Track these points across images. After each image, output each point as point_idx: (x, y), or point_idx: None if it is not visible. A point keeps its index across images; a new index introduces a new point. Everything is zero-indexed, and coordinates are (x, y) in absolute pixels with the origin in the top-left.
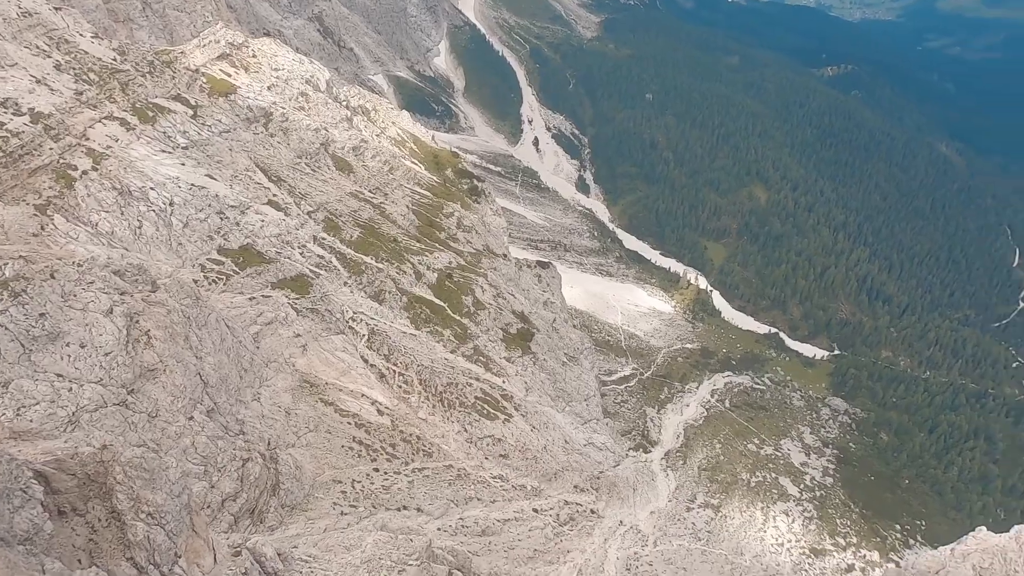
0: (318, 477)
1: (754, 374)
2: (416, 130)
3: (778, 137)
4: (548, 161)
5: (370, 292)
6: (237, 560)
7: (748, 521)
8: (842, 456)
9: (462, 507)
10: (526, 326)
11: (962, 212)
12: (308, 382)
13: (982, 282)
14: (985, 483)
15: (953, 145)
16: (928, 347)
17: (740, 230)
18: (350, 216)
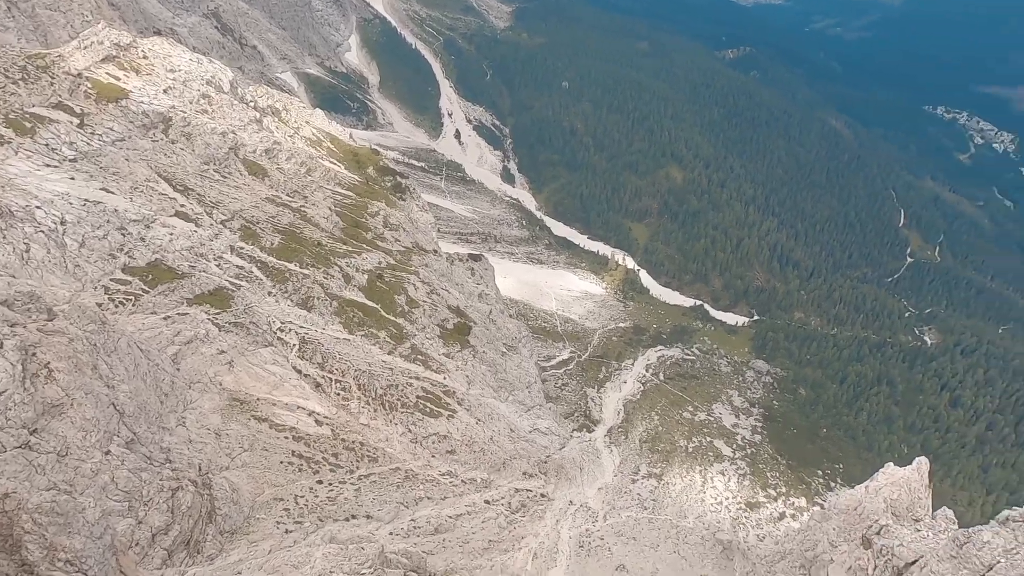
0: (258, 497)
1: (684, 345)
2: (332, 129)
3: (688, 118)
4: (471, 153)
5: (297, 300)
6: None
7: (689, 485)
8: (767, 414)
9: (413, 508)
10: (462, 320)
11: (853, 180)
12: (238, 400)
13: (875, 242)
14: (889, 424)
15: (841, 119)
16: (834, 306)
17: (660, 209)
18: (268, 222)
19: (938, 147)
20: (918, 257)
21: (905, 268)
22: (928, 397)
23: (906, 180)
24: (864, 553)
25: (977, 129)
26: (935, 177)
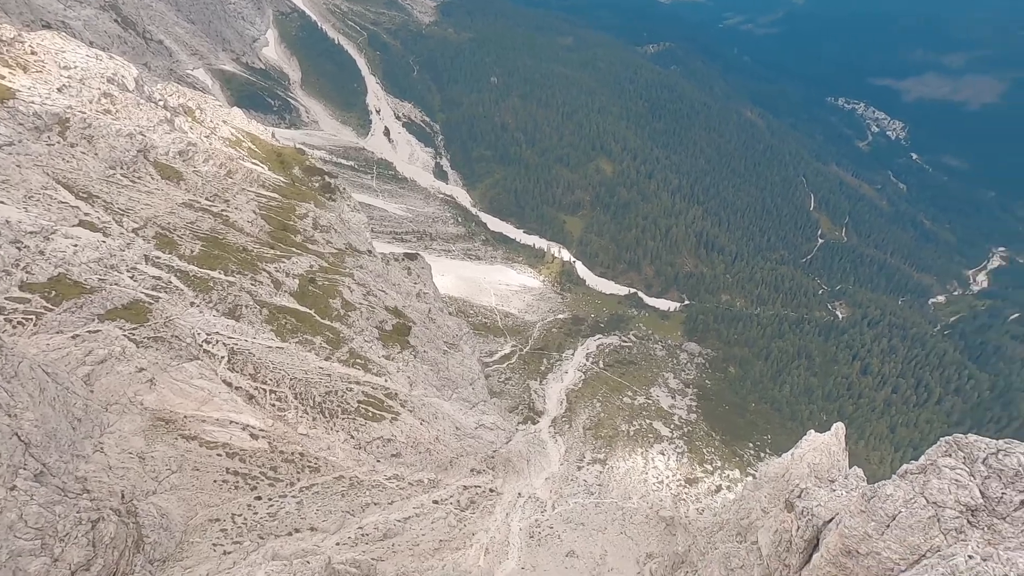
0: (190, 520)
1: (621, 333)
2: (253, 128)
3: (615, 112)
4: (402, 151)
5: (223, 309)
6: None
7: (631, 467)
8: (701, 393)
9: (359, 516)
10: (401, 321)
11: (768, 168)
12: (162, 419)
13: (789, 226)
14: (809, 394)
15: (755, 110)
16: (756, 287)
17: (592, 202)
18: (187, 229)
19: (840, 135)
20: (828, 238)
21: (817, 249)
22: (841, 367)
23: (814, 167)
24: (787, 516)
25: (873, 118)
26: (839, 163)
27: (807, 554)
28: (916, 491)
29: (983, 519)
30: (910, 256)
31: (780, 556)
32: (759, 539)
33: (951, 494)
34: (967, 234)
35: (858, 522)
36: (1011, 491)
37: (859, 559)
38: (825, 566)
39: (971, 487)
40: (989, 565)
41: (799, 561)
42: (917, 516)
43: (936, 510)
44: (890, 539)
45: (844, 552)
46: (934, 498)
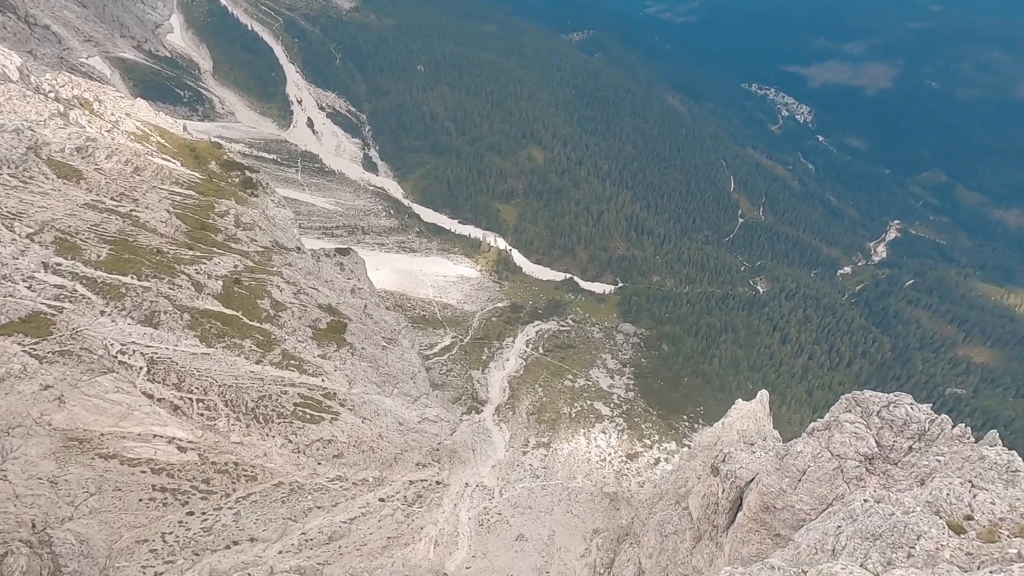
0: (115, 544)
1: (559, 318)
2: (161, 121)
3: (543, 99)
4: (328, 142)
5: (139, 317)
6: None
7: (575, 448)
8: (637, 371)
9: (302, 521)
10: (336, 318)
11: (690, 152)
12: (75, 439)
13: (712, 207)
14: (736, 365)
15: (677, 96)
16: (684, 267)
17: (525, 189)
18: (91, 232)
19: (755, 119)
20: (747, 218)
21: (738, 228)
22: (764, 338)
23: (733, 150)
24: (714, 480)
25: (783, 103)
26: (755, 146)
27: (732, 514)
28: (822, 446)
29: (879, 466)
30: (820, 231)
31: (708, 518)
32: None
33: (851, 446)
34: (868, 209)
35: (774, 480)
36: (901, 439)
37: (776, 513)
38: (747, 523)
39: (868, 438)
40: (881, 506)
41: (725, 521)
42: (824, 469)
43: (839, 462)
44: (802, 492)
45: (763, 508)
46: (837, 451)
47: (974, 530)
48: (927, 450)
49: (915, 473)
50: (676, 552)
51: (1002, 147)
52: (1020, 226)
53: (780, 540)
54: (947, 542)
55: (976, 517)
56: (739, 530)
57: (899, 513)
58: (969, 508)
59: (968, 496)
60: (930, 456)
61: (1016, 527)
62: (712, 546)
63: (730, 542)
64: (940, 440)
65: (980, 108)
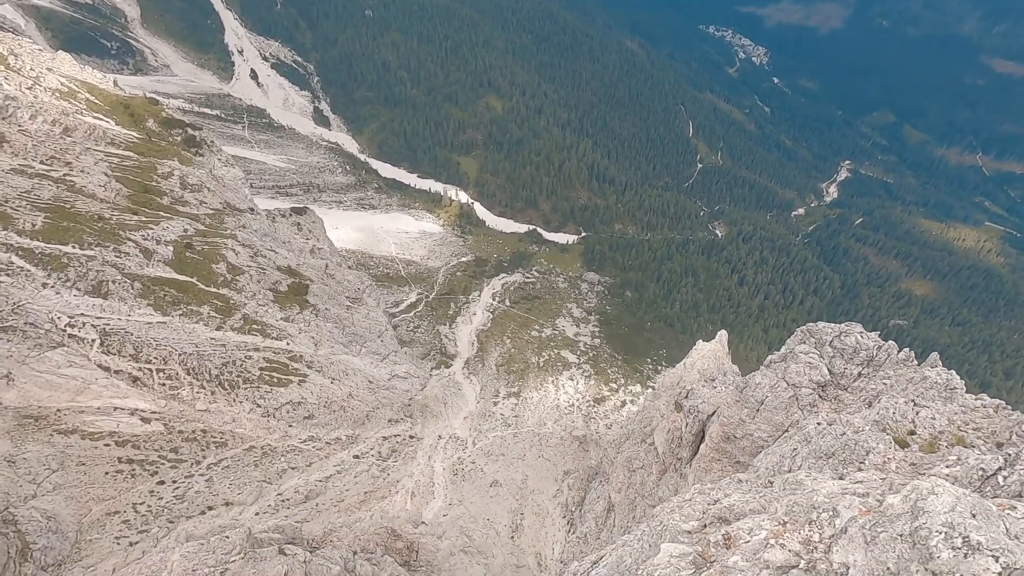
0: (84, 518)
1: (524, 270)
2: (88, 76)
3: (500, 45)
4: (274, 96)
5: (86, 287)
6: None
7: (544, 396)
8: (602, 319)
9: (277, 483)
10: (297, 280)
11: (650, 98)
12: (30, 416)
13: (672, 153)
14: (697, 308)
15: (635, 40)
16: (645, 214)
17: (485, 140)
18: (22, 199)
19: (712, 62)
20: (706, 163)
21: (697, 173)
22: (723, 280)
23: (691, 95)
24: (677, 416)
25: (740, 45)
26: (712, 90)
27: (695, 446)
28: (779, 376)
29: (831, 392)
30: (775, 174)
31: (673, 451)
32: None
33: (806, 375)
34: (821, 150)
35: (734, 411)
36: (851, 366)
37: (736, 442)
38: (710, 453)
39: (821, 367)
40: (833, 428)
41: (689, 453)
42: (780, 398)
43: (795, 390)
44: (760, 421)
45: (725, 439)
46: (793, 380)
47: (917, 443)
48: (875, 374)
49: (864, 397)
50: (643, 485)
51: (945, 84)
52: (960, 163)
53: (740, 467)
54: (893, 455)
55: (919, 432)
56: (702, 460)
57: (850, 432)
58: (912, 424)
59: (912, 413)
60: (877, 380)
61: (953, 438)
62: (676, 477)
63: (693, 472)
64: (887, 364)
65: (926, 46)
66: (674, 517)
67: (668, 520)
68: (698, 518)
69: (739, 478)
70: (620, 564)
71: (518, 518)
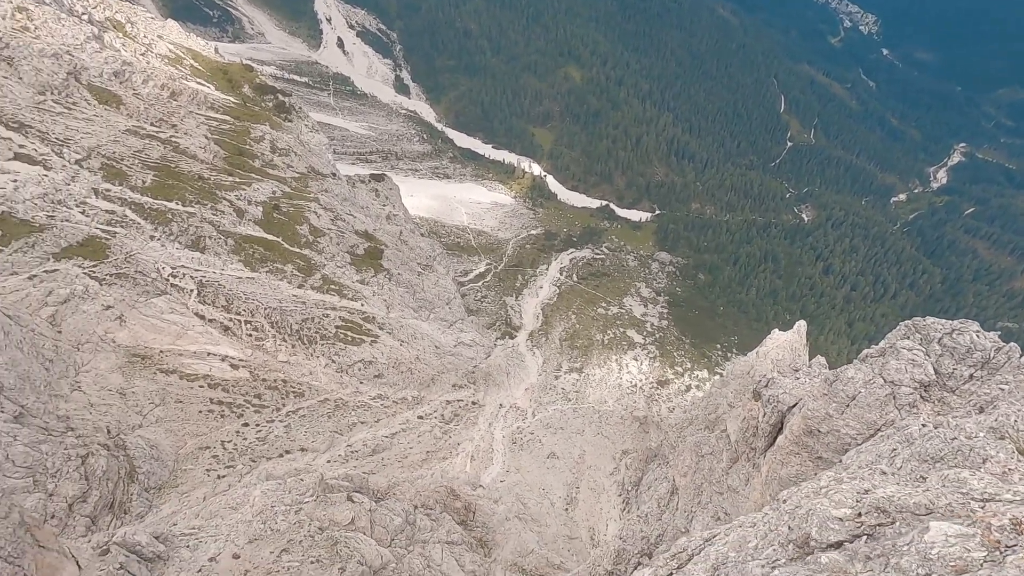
0: (180, 450)
1: (593, 246)
2: (193, 43)
3: (584, 13)
4: (359, 64)
5: (186, 241)
6: (107, 559)
7: (607, 373)
8: (672, 300)
9: (347, 435)
10: (373, 244)
11: (740, 69)
12: (138, 355)
13: (759, 130)
14: (775, 295)
15: (728, 6)
16: (726, 194)
17: (562, 112)
18: (135, 158)
19: (813, 31)
20: (796, 141)
21: (785, 152)
22: (805, 268)
23: (786, 66)
24: (754, 404)
25: (846, 12)
26: (811, 62)
27: (772, 437)
28: (875, 372)
29: (935, 393)
30: (876, 156)
31: (747, 440)
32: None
33: (907, 372)
34: (933, 131)
35: (820, 404)
36: (962, 367)
37: (820, 437)
38: (788, 446)
39: (926, 365)
40: (940, 431)
41: (764, 444)
42: (875, 395)
43: (892, 388)
44: (849, 417)
45: (806, 432)
46: (891, 377)
47: None
48: (990, 379)
49: (974, 401)
50: (712, 471)
51: None
52: None
53: (821, 463)
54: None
55: None
56: (779, 452)
57: (962, 437)
58: None
59: None
60: (992, 384)
61: None
62: (748, 467)
63: (767, 464)
64: (1005, 369)
65: None
66: (821, 502)
67: (812, 505)
68: (851, 506)
69: (881, 470)
70: (743, 544)
71: (573, 491)
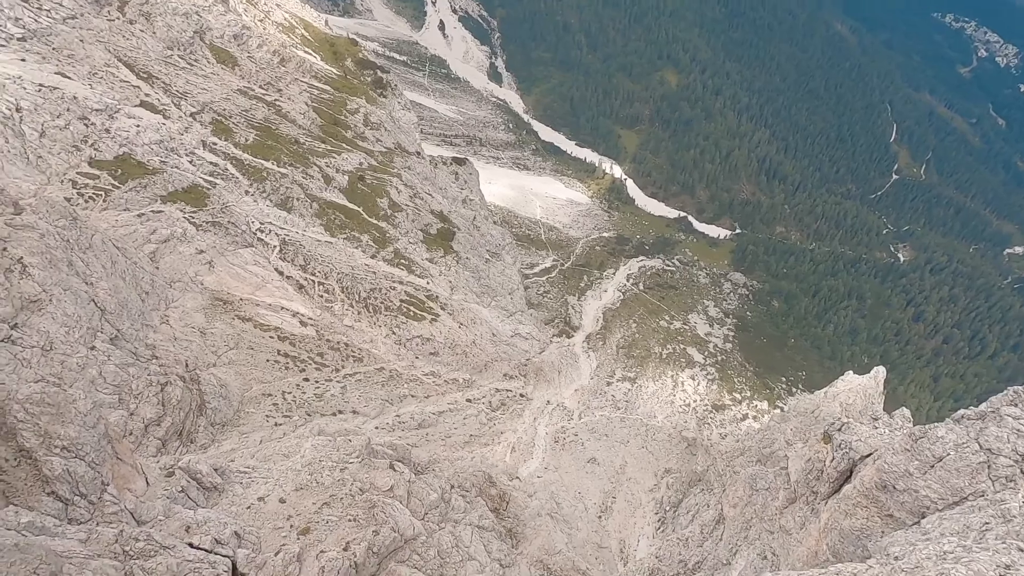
0: (246, 393)
1: (665, 256)
2: (306, 14)
3: (689, 17)
4: (457, 48)
5: (276, 200)
6: (172, 480)
7: (660, 388)
8: (740, 324)
9: (397, 405)
10: (446, 225)
11: (851, 91)
12: (220, 299)
13: (863, 157)
14: (854, 335)
15: (847, 22)
16: (816, 221)
17: (652, 116)
18: (242, 117)
19: (940, 57)
20: (904, 174)
21: (889, 185)
22: (894, 312)
23: (904, 93)
24: (823, 447)
25: (983, 40)
26: (933, 91)
27: (837, 484)
28: (970, 436)
29: None
30: (994, 201)
31: (809, 483)
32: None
33: (1009, 442)
34: None
35: (900, 459)
36: None
37: (894, 494)
38: (856, 497)
39: None
40: None
41: (828, 490)
42: (967, 460)
43: (989, 456)
44: (932, 479)
45: (880, 486)
46: (989, 444)
47: None
48: None
49: None
50: (765, 508)
51: None
52: None
53: (892, 521)
54: None
55: None
56: (844, 501)
57: None
58: None
59: None
60: None
61: None
62: (807, 510)
63: (829, 511)
64: None
65: None
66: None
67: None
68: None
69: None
70: None
71: (609, 500)
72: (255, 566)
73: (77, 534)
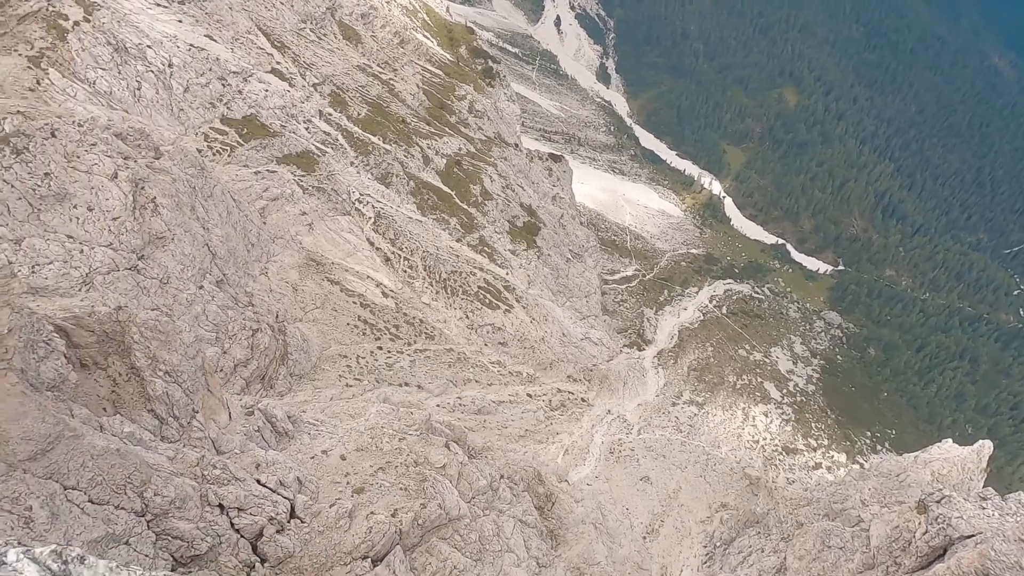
0: (325, 351)
1: (755, 283)
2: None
3: (820, 33)
4: (569, 45)
5: (377, 174)
6: (250, 419)
7: (728, 419)
8: (827, 367)
9: (460, 387)
10: (533, 220)
11: (1000, 131)
12: (314, 260)
13: (1002, 207)
14: (960, 401)
15: (1006, 55)
16: (933, 268)
17: (763, 134)
18: (357, 92)
19: None
20: None
21: None
22: (1012, 383)
23: None
24: (916, 516)
25: None
26: None
27: (927, 560)
28: None
29: None
30: None
31: (892, 552)
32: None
33: None
34: None
35: (1012, 549)
36: None
37: None
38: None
39: None
40: None
41: (914, 564)
42: None
43: None
44: None
45: (980, 574)
46: None
47: None
48: None
49: None
50: (836, 568)
51: None
52: None
53: None
54: None
55: None
56: None
57: None
58: None
59: None
60: None
61: None
62: None
63: None
64: None
65: None
66: None
67: None
68: None
69: None
70: None
71: (657, 523)
72: (311, 513)
73: (166, 451)
